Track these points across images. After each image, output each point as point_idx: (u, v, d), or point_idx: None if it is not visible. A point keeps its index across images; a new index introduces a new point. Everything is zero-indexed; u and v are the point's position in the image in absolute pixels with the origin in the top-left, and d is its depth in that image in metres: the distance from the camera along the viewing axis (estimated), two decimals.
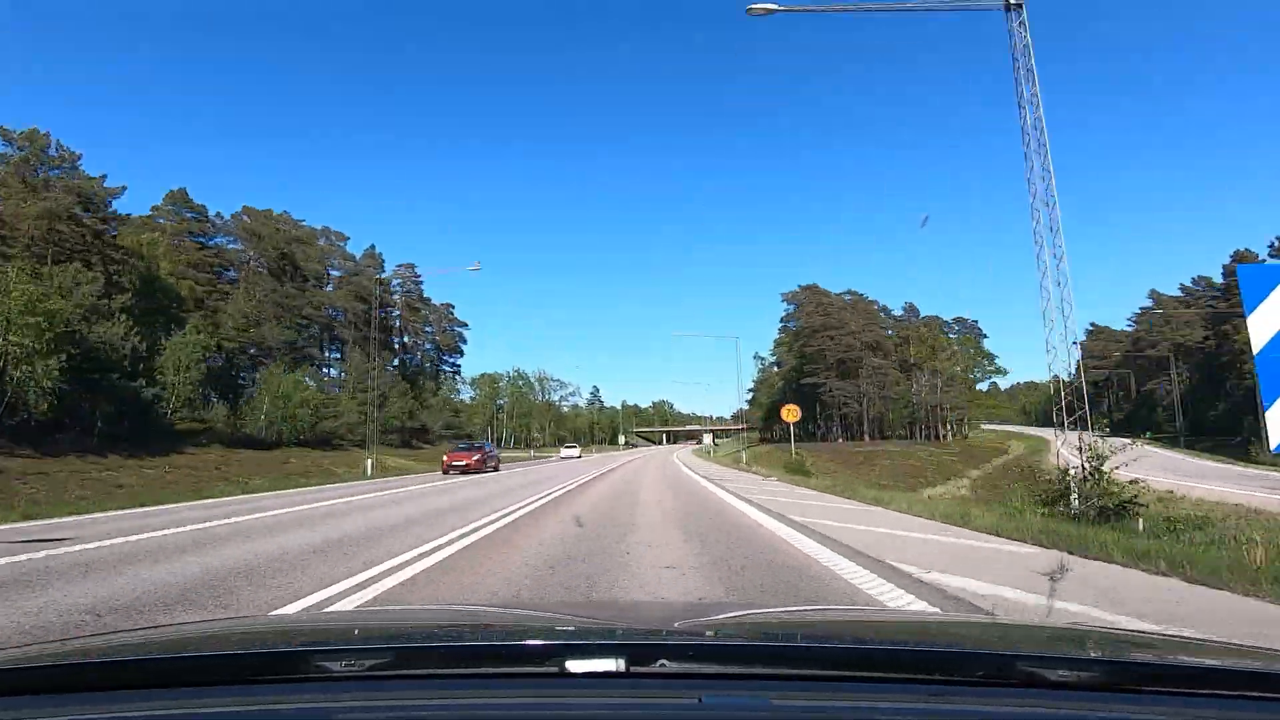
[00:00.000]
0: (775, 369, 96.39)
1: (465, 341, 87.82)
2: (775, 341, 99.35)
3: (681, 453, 69.15)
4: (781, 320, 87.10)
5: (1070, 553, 6.15)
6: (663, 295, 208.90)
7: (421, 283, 77.59)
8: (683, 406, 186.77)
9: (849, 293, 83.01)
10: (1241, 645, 1.27)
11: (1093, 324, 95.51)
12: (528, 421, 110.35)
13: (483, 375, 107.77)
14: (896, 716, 0.90)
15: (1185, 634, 3.22)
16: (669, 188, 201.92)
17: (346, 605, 4.80)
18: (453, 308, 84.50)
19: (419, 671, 1.06)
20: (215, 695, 0.97)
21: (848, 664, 1.05)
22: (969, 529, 8.42)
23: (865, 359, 74.73)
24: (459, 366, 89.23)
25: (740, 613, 2.01)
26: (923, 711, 0.91)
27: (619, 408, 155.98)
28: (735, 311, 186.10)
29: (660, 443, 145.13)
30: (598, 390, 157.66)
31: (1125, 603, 4.34)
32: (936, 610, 4.23)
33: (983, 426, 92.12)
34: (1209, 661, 1.15)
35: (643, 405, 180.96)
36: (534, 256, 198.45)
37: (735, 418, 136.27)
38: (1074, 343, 12.78)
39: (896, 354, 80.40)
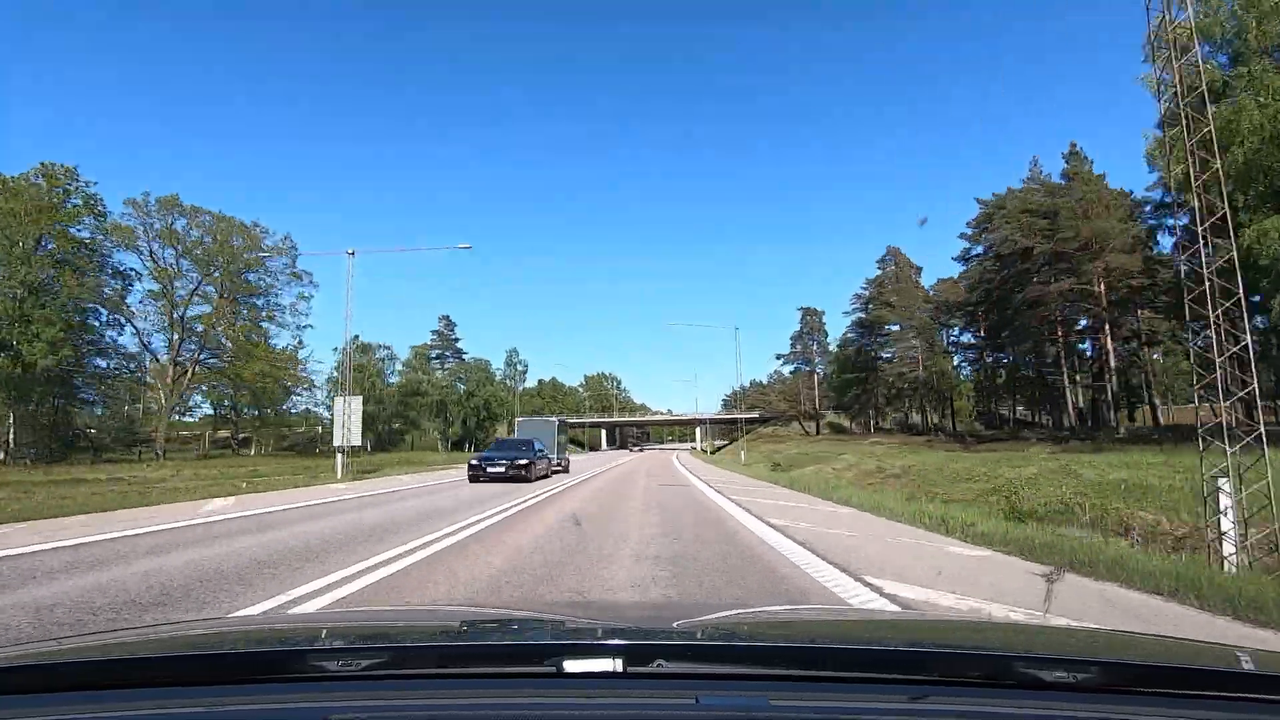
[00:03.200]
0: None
1: None
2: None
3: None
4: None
5: None
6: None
7: None
8: (637, 393, 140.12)
9: None
10: (1236, 647, 1.32)
11: None
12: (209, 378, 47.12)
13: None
14: (894, 717, 0.92)
15: (1181, 637, 3.34)
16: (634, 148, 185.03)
17: None
18: None
19: (416, 671, 1.05)
20: (211, 695, 0.95)
21: (845, 664, 1.07)
22: None
23: None
24: None
25: (738, 612, 2.03)
26: (919, 712, 0.93)
27: (526, 378, 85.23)
28: (730, 301, 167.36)
29: (598, 446, 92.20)
30: (456, 335, 77.69)
31: None
32: (935, 611, 4.22)
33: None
34: (1204, 663, 1.19)
35: (569, 382, 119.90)
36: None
37: (731, 404, 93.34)
38: None
39: None
